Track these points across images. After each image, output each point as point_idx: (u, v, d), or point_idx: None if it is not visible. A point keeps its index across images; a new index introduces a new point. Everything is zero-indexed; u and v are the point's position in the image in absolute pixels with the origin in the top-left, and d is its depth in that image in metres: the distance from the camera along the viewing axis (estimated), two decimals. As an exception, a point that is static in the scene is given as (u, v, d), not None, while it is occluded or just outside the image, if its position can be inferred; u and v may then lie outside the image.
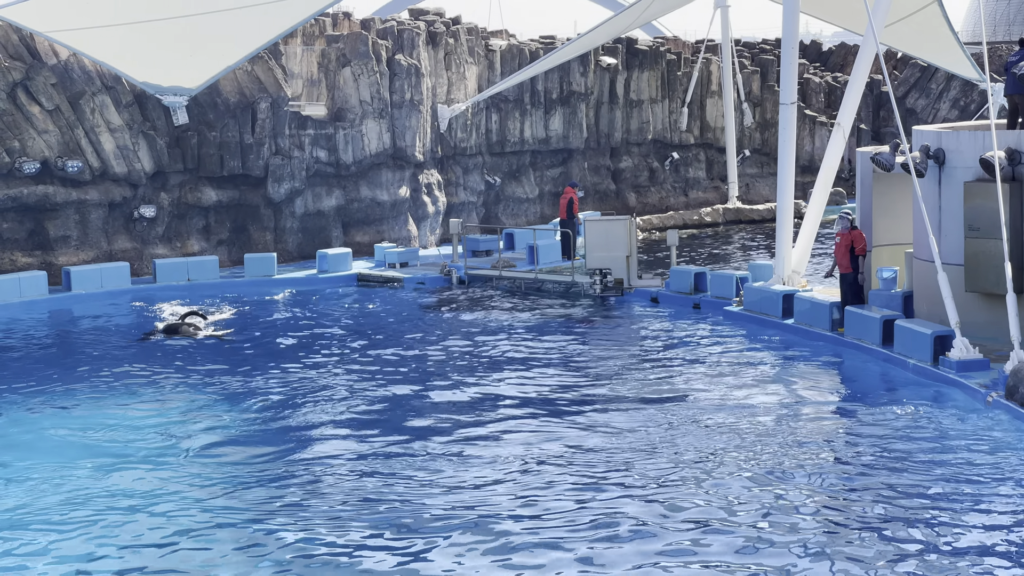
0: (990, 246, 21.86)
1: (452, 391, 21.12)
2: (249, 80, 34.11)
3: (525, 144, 41.33)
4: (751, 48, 50.99)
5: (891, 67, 50.21)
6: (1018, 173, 21.82)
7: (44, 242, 31.64)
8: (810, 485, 15.93)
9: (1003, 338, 20.68)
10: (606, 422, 18.94)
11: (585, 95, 42.87)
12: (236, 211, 34.38)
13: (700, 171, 47.01)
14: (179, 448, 18.04)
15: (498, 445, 17.86)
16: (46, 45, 31.71)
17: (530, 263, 32.30)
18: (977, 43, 45.98)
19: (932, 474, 16.19)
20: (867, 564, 13.26)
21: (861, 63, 26.16)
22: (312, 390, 21.25)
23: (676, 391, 20.94)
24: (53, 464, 17.21)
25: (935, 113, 48.50)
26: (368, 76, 36.00)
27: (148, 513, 15.26)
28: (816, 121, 48.16)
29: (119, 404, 20.56)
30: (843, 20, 41.72)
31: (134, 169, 32.59)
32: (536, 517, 14.82)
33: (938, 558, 13.42)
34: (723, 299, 27.68)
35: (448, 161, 39.13)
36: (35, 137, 31.37)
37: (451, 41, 38.85)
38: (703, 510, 14.97)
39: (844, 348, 23.60)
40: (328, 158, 35.57)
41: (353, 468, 16.88)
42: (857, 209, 26.32)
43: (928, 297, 23.11)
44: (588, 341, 25.24)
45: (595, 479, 16.19)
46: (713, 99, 47.18)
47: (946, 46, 41.75)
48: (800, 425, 18.82)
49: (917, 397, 20.28)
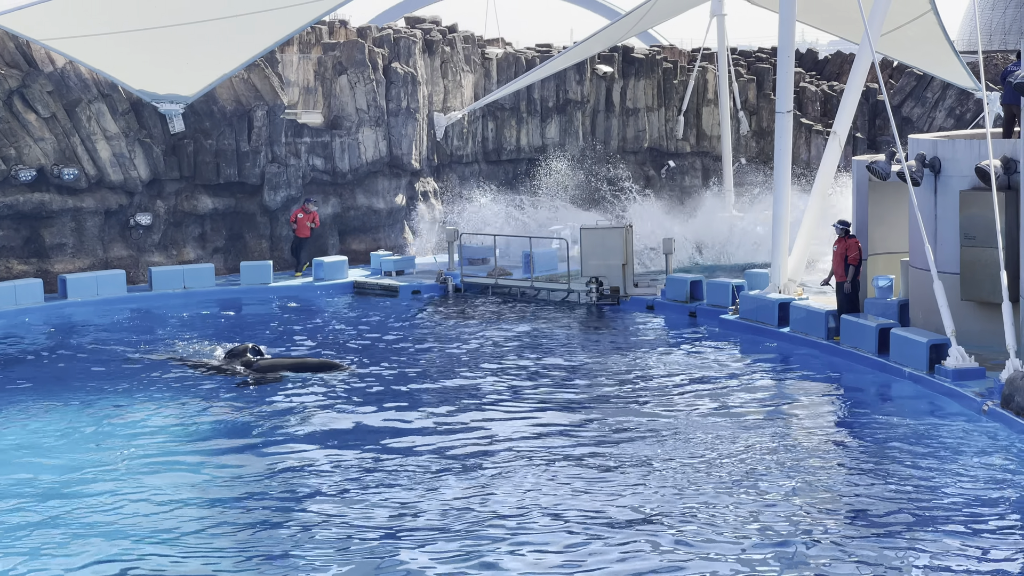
0: (986, 255, 21.88)
1: (443, 396, 21.10)
2: (245, 88, 34.12)
3: (521, 152, 41.34)
4: (747, 57, 50.98)
5: (887, 76, 50.22)
6: (1014, 182, 21.83)
7: (40, 250, 31.61)
8: (803, 494, 15.91)
9: (999, 347, 20.68)
10: (599, 431, 18.91)
11: (581, 103, 42.89)
12: (232, 219, 34.37)
13: (696, 179, 47.02)
14: (177, 456, 18.03)
15: (486, 455, 17.84)
16: (42, 53, 31.71)
17: (526, 271, 32.30)
18: (973, 52, 46.01)
19: (927, 483, 16.18)
20: (854, 572, 13.25)
21: (857, 72, 26.19)
22: (305, 400, 21.24)
23: (670, 400, 20.91)
24: (43, 470, 17.20)
25: (931, 122, 48.51)
26: (364, 84, 36.01)
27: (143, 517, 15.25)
28: (812, 130, 48.17)
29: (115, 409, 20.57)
30: (839, 29, 41.75)
31: (130, 177, 32.57)
32: (530, 522, 14.81)
33: (933, 569, 13.40)
34: (719, 307, 27.67)
35: (444, 169, 39.13)
36: (31, 145, 31.36)
37: (447, 49, 38.87)
38: (694, 517, 14.95)
39: (840, 357, 23.59)
40: (324, 166, 35.57)
41: (339, 480, 16.87)
42: (853, 218, 26.33)
43: (924, 306, 23.11)
44: (583, 350, 25.23)
45: (585, 488, 16.17)
46: (709, 108, 47.18)
47: (942, 55, 41.77)
48: (794, 434, 18.81)
49: (913, 406, 20.28)
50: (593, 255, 30.22)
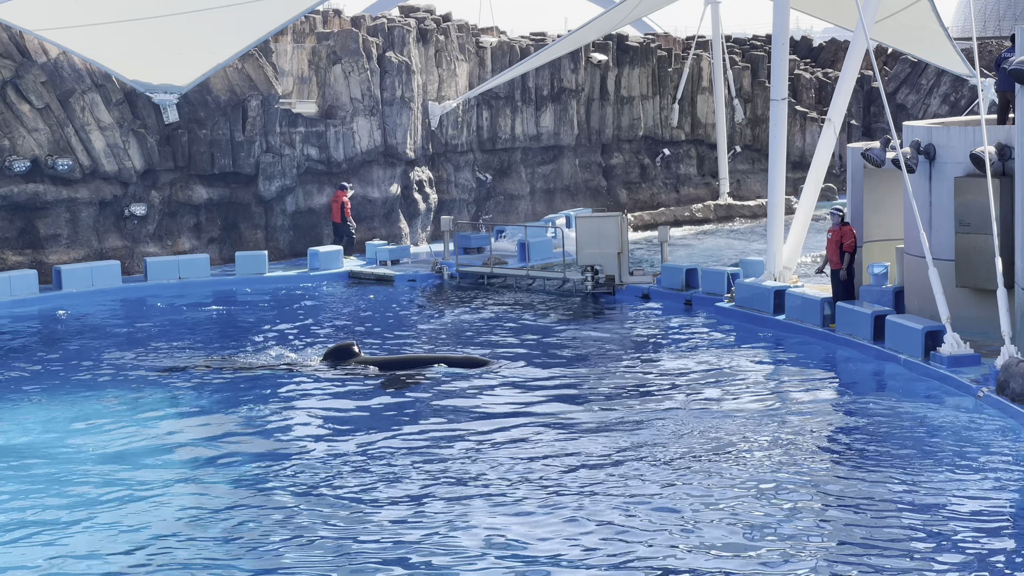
0: (980, 241, 21.89)
1: (440, 387, 21.12)
2: (240, 78, 34.07)
3: (516, 141, 41.32)
4: (742, 44, 51.00)
5: (881, 63, 50.25)
6: (1008, 168, 21.85)
7: (35, 241, 31.58)
8: (799, 481, 15.93)
9: (994, 333, 20.71)
10: (595, 420, 18.93)
11: (576, 92, 42.87)
12: (227, 209, 34.35)
13: (691, 167, 47.03)
14: (165, 449, 18.06)
15: (485, 443, 17.86)
16: (36, 43, 31.64)
17: (521, 260, 32.29)
18: (967, 39, 46.07)
19: (922, 469, 16.21)
20: (853, 560, 13.27)
21: (851, 59, 26.19)
22: (303, 391, 21.25)
23: (665, 388, 20.93)
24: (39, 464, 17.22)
25: (925, 109, 48.55)
26: (359, 73, 35.97)
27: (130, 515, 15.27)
28: (807, 117, 48.20)
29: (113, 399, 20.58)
30: (833, 16, 41.76)
31: (124, 167, 32.54)
32: (526, 512, 14.84)
33: (929, 554, 13.43)
34: (714, 295, 27.68)
35: (439, 158, 39.10)
36: (25, 135, 31.32)
37: (442, 38, 38.83)
38: (691, 505, 14.97)
39: (835, 344, 23.61)
40: (319, 155, 35.55)
41: (344, 469, 16.90)
42: (848, 205, 26.35)
43: (919, 292, 23.13)
44: (579, 338, 25.23)
45: (583, 476, 16.19)
46: (704, 95, 47.19)
47: (936, 42, 41.78)
48: (790, 421, 18.82)
49: (908, 393, 20.30)
50: (588, 244, 30.22)
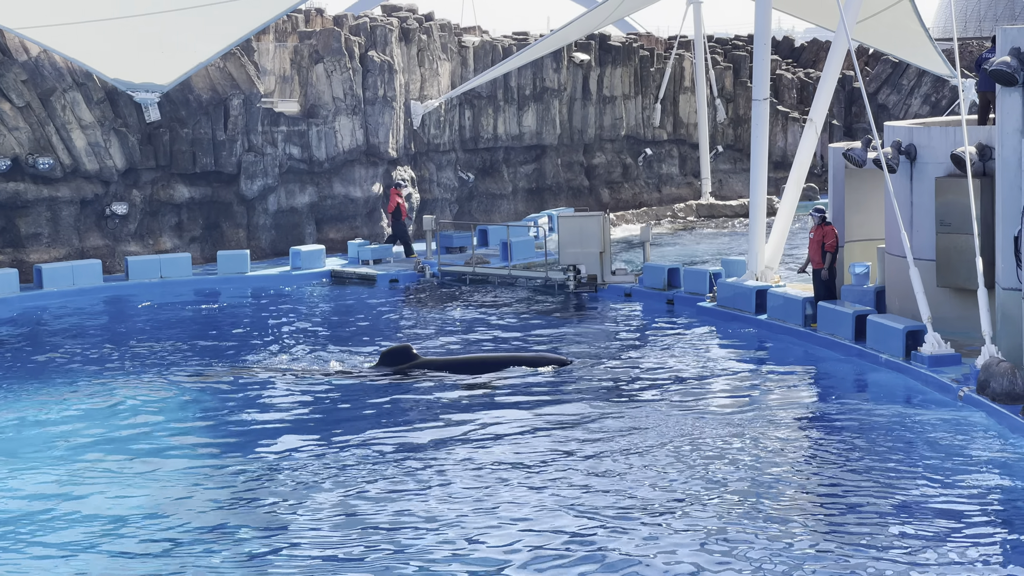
0: (961, 241, 21.95)
1: (421, 387, 21.11)
2: (221, 77, 34.00)
3: (498, 140, 41.32)
4: (724, 44, 51.08)
5: (863, 63, 50.37)
6: (988, 169, 21.90)
7: (15, 239, 31.47)
8: (780, 481, 15.96)
9: (975, 333, 20.75)
10: (575, 420, 18.93)
11: (558, 91, 42.88)
12: (209, 208, 34.28)
13: (673, 167, 47.10)
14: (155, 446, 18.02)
15: (465, 448, 17.86)
16: (16, 41, 31.52)
17: (503, 259, 32.29)
18: (948, 39, 46.16)
19: (904, 470, 16.25)
20: (835, 561, 13.30)
21: (833, 59, 26.24)
22: (285, 392, 21.23)
23: (647, 387, 20.94)
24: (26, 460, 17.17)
25: (907, 109, 48.69)
26: (341, 72, 35.93)
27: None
28: (788, 117, 48.29)
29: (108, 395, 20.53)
30: (815, 17, 41.85)
31: (106, 166, 32.44)
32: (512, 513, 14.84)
33: (909, 554, 13.47)
34: (696, 295, 27.72)
35: (421, 158, 39.08)
36: (5, 134, 31.20)
37: (424, 37, 38.81)
38: (671, 508, 14.99)
39: (817, 344, 23.66)
40: (301, 155, 35.50)
41: (325, 471, 16.88)
42: (830, 205, 26.40)
43: (900, 292, 23.19)
44: (560, 337, 25.24)
45: (560, 478, 16.20)
46: (686, 95, 47.26)
47: (917, 42, 41.92)
48: (771, 421, 18.85)
49: (889, 392, 20.35)
50: (571, 243, 30.24)
